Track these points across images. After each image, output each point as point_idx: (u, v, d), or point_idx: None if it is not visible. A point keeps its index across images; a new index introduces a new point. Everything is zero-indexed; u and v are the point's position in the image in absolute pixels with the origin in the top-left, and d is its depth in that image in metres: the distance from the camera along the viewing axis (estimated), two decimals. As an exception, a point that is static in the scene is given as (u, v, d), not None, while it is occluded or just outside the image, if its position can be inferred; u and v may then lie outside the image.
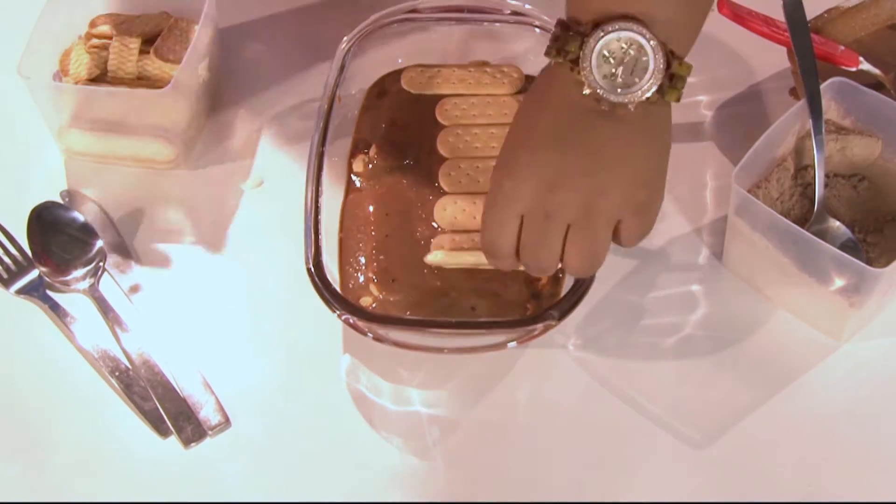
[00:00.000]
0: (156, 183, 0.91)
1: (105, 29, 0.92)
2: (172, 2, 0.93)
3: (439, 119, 0.88)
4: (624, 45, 0.64)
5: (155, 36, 0.92)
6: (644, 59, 0.64)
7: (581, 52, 0.64)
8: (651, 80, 0.64)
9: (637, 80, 0.64)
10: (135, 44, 0.90)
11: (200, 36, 0.88)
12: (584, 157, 0.66)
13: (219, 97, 0.96)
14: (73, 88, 0.89)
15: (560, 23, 0.67)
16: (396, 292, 0.79)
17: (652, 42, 0.64)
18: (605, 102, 0.64)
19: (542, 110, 0.66)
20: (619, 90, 0.64)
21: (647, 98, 0.65)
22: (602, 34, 0.64)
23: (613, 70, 0.64)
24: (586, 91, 0.64)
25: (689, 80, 0.95)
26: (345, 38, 0.88)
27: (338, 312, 0.74)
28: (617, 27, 0.64)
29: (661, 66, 0.64)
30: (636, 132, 0.66)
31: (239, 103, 0.96)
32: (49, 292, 0.84)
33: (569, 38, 0.65)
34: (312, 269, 0.76)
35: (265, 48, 1.00)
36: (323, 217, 0.79)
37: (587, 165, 0.66)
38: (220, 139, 0.93)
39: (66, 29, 0.92)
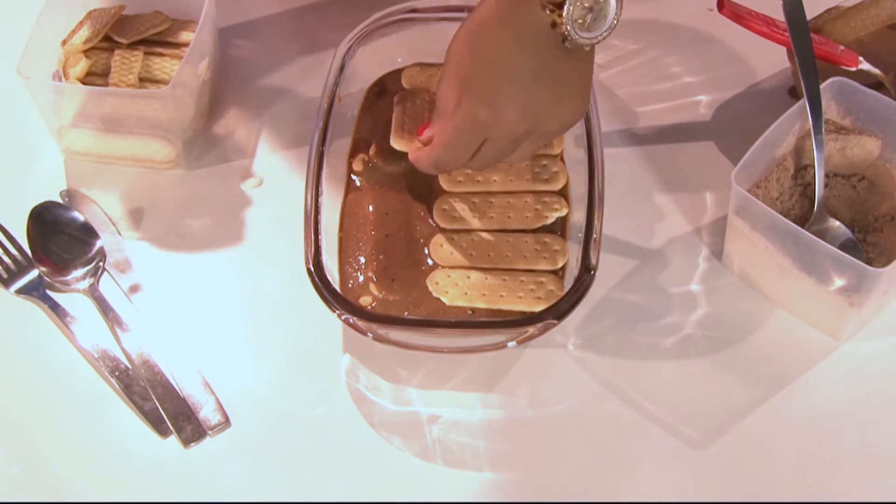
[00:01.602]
0: (156, 183, 0.91)
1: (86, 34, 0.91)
2: (173, 2, 0.93)
3: (439, 118, 0.88)
4: None
5: (150, 37, 0.92)
6: (607, 9, 0.70)
7: None
8: (608, 27, 0.71)
9: (598, 25, 0.70)
10: (137, 59, 0.90)
11: (200, 36, 0.88)
12: (553, 88, 0.73)
13: (219, 97, 0.96)
14: (73, 88, 0.89)
15: None
16: (396, 292, 0.79)
17: None
18: (570, 42, 0.70)
19: (519, 46, 0.71)
20: (584, 33, 0.70)
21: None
22: None
23: (585, 16, 0.70)
24: (563, 30, 0.70)
25: (689, 79, 0.97)
26: (345, 38, 0.88)
27: (338, 312, 0.74)
28: None
29: (617, 13, 0.71)
30: (585, 67, 0.74)
31: (239, 103, 0.96)
32: (49, 292, 0.84)
33: None
34: (312, 269, 0.76)
35: (265, 48, 1.00)
36: (323, 217, 0.79)
37: (554, 98, 0.73)
38: (220, 139, 0.94)
39: (66, 29, 0.92)
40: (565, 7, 0.69)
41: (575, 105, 0.75)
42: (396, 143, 0.83)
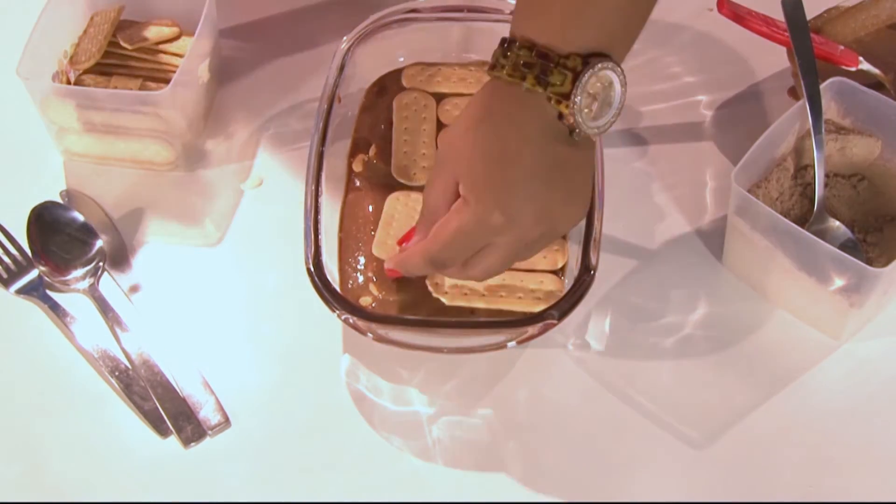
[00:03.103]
0: (156, 183, 0.91)
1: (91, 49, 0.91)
2: (173, 4, 0.93)
3: (440, 118, 0.88)
4: (600, 83, 0.66)
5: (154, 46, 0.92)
6: (612, 94, 0.66)
7: (573, 88, 0.64)
8: (615, 112, 0.67)
9: (605, 112, 0.67)
10: (135, 84, 0.91)
11: (201, 37, 0.88)
12: (565, 187, 0.69)
13: (219, 98, 0.96)
14: (73, 90, 0.89)
15: (534, 47, 0.65)
16: (396, 292, 0.79)
17: (622, 80, 0.66)
18: (579, 134, 0.67)
19: (528, 142, 0.66)
20: (592, 122, 0.66)
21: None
22: (591, 72, 0.65)
23: (591, 104, 0.66)
24: (570, 121, 0.66)
25: (689, 79, 0.97)
26: (345, 38, 0.88)
27: (338, 312, 0.74)
28: (599, 66, 0.65)
29: (622, 99, 0.67)
30: (590, 157, 0.71)
31: (239, 104, 0.96)
32: (49, 292, 0.84)
33: (553, 70, 0.65)
34: (312, 269, 0.76)
35: (265, 49, 1.00)
36: (323, 217, 0.79)
37: (566, 196, 0.69)
38: (221, 140, 0.93)
39: (67, 30, 0.92)
40: (572, 97, 0.64)
41: (584, 200, 0.71)
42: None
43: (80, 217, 0.86)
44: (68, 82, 0.91)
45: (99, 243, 0.85)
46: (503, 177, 0.67)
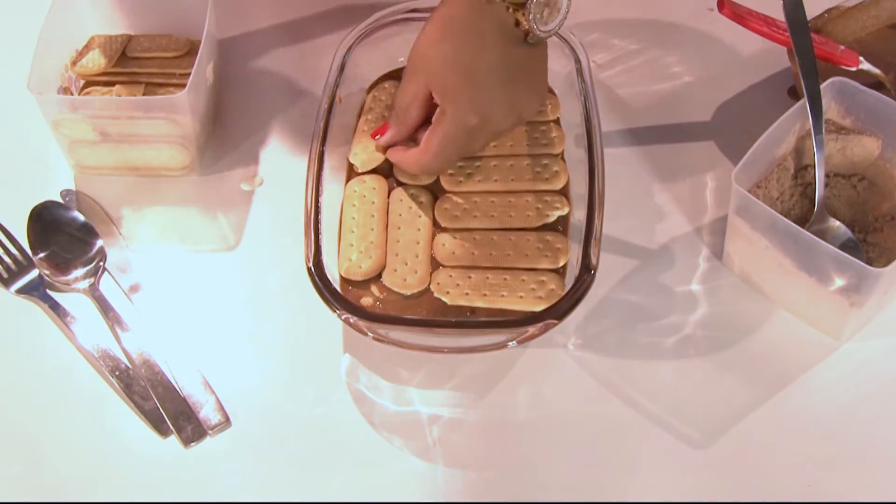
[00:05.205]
0: (156, 182, 0.91)
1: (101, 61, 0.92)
2: (172, 11, 0.93)
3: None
4: None
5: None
6: (560, 1, 0.77)
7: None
8: (562, 17, 0.77)
9: (554, 18, 0.77)
10: (139, 89, 0.91)
11: (207, 39, 0.88)
12: (525, 83, 0.79)
13: (220, 99, 0.95)
14: (87, 100, 0.88)
15: None
16: (396, 292, 0.79)
17: None
18: (533, 37, 0.77)
19: (490, 49, 0.77)
20: (543, 27, 0.77)
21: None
22: None
23: (543, 11, 0.76)
24: (525, 27, 0.76)
25: (689, 79, 0.97)
26: (345, 38, 0.88)
27: (338, 312, 0.74)
28: None
29: (568, 4, 0.77)
30: (543, 55, 0.81)
31: (239, 104, 0.96)
32: (49, 292, 0.84)
33: None
34: (312, 269, 0.76)
35: (266, 49, 1.00)
36: (323, 217, 0.79)
37: (527, 89, 0.80)
38: (222, 141, 0.93)
39: (67, 45, 0.91)
40: (528, 6, 0.75)
41: (542, 89, 0.82)
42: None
43: (81, 216, 0.86)
44: (72, 95, 0.91)
45: (99, 243, 0.85)
46: (472, 83, 0.77)
